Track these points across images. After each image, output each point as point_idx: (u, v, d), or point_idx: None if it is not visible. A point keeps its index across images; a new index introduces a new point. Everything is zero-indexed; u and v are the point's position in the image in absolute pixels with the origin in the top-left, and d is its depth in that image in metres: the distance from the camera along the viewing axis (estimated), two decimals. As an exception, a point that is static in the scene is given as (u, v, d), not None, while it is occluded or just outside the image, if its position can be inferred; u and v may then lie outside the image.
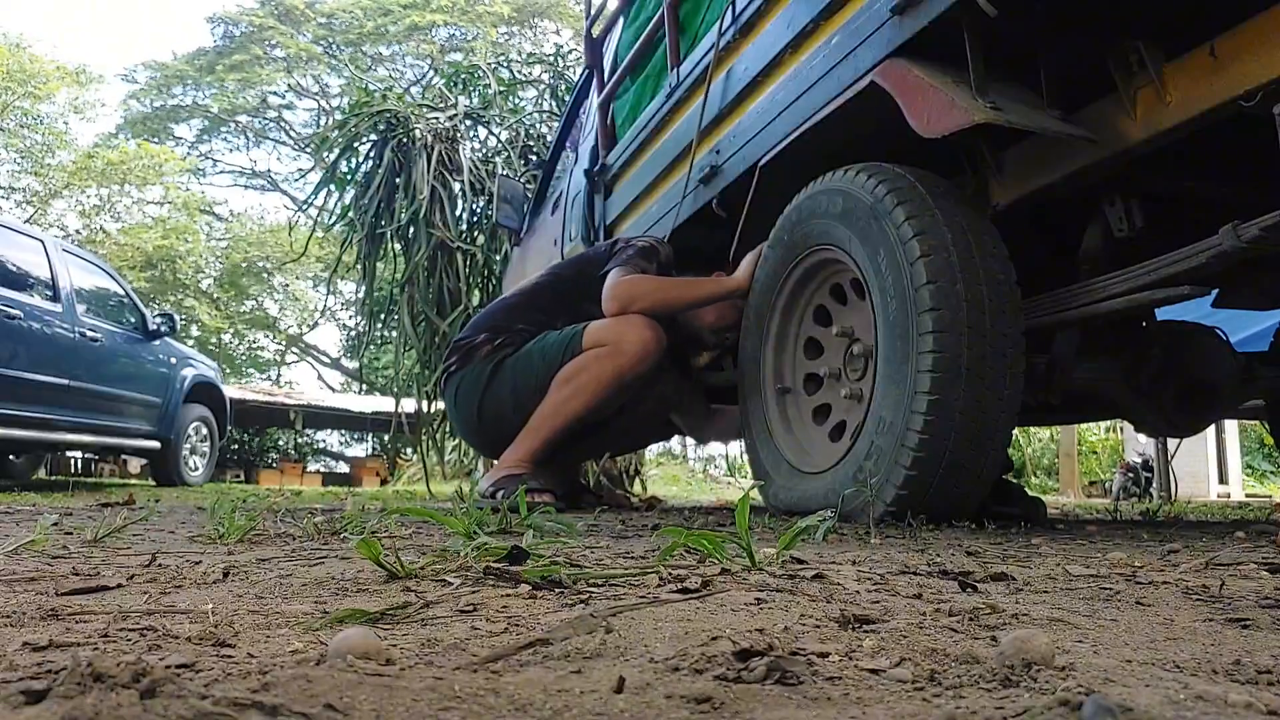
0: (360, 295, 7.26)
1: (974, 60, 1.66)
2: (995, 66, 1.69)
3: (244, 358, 24.13)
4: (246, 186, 25.19)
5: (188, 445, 7.49)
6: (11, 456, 7.46)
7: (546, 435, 2.51)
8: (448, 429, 6.55)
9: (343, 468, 18.62)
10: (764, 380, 2.33)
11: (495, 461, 2.72)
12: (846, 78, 1.96)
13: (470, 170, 6.60)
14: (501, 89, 7.42)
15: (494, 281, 6.33)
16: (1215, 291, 2.51)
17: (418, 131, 6.63)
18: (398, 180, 6.58)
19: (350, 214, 6.86)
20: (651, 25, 3.14)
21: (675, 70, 2.90)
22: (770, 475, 2.21)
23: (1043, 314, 1.88)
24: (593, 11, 3.94)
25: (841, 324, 2.15)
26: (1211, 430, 12.48)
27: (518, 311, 2.75)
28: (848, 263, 2.01)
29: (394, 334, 6.96)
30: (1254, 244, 1.49)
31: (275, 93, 22.24)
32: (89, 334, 6.11)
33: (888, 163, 1.96)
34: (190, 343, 18.26)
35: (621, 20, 3.64)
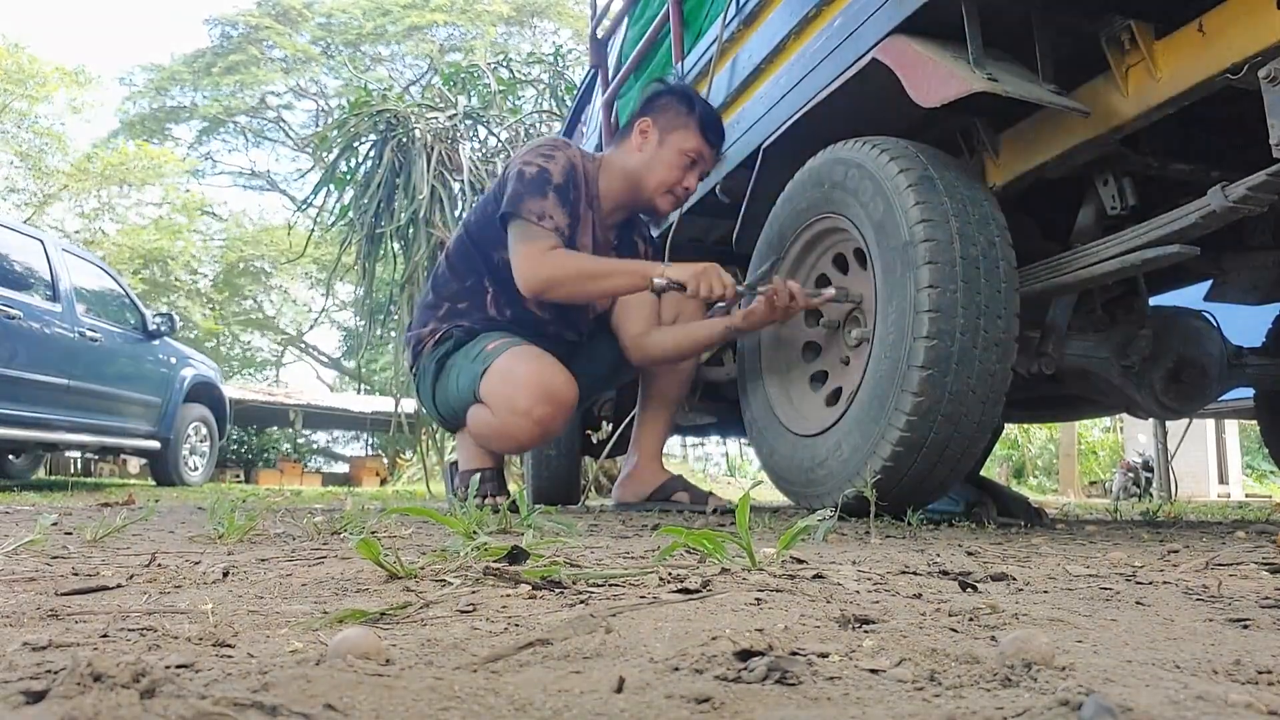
0: (359, 295, 7.26)
1: (972, 36, 1.71)
2: (992, 46, 1.74)
3: (239, 358, 24.14)
4: (246, 187, 25.20)
5: (187, 445, 7.49)
6: (11, 456, 7.46)
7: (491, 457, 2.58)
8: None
9: (342, 467, 18.63)
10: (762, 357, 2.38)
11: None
12: (848, 57, 2.00)
13: (470, 170, 6.61)
14: (501, 89, 7.41)
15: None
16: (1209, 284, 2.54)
17: (417, 131, 6.63)
18: (397, 180, 6.58)
19: (350, 214, 6.86)
20: (656, 22, 3.17)
21: (680, 64, 2.94)
22: (774, 448, 2.24)
23: (1038, 279, 1.91)
24: (597, 13, 3.96)
25: (844, 284, 2.19)
26: (1211, 430, 12.50)
27: (445, 294, 2.64)
28: (849, 229, 2.06)
29: (393, 334, 6.96)
30: (1241, 203, 1.53)
31: (274, 93, 22.25)
32: (89, 334, 6.11)
33: None
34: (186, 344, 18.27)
35: (626, 20, 3.66)
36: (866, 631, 0.63)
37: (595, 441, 3.87)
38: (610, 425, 3.78)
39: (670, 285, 2.31)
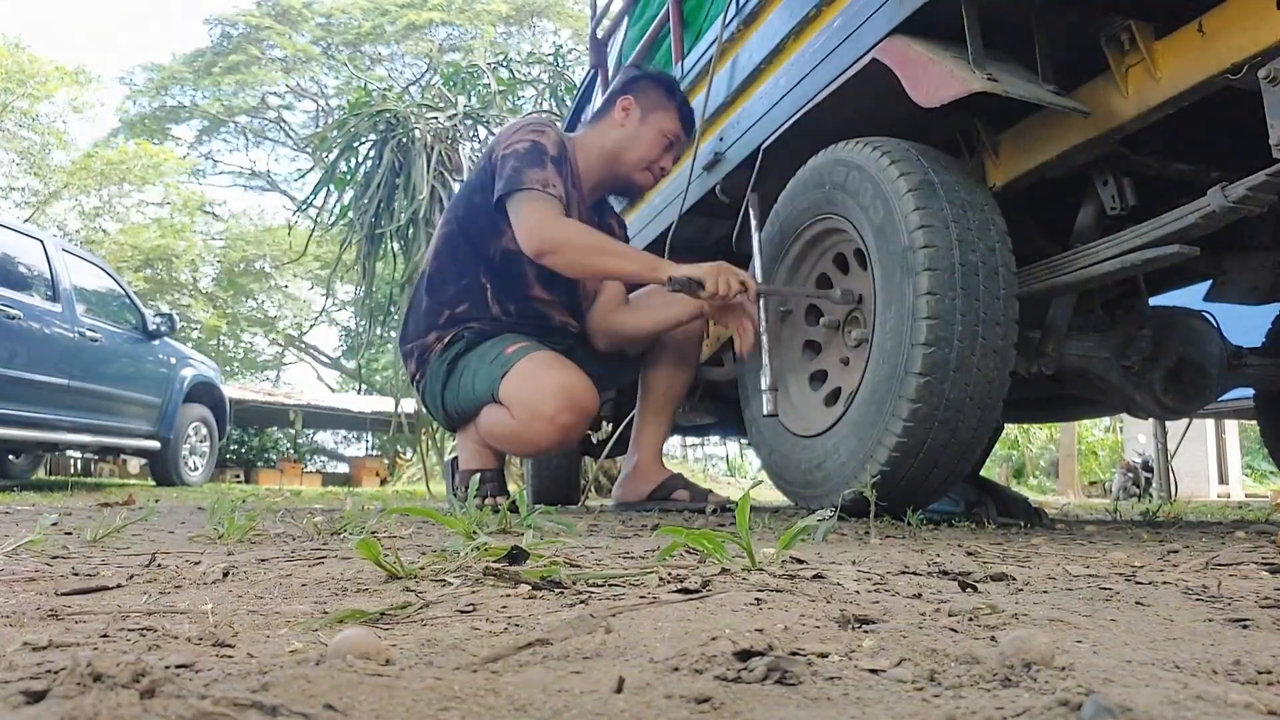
0: (360, 295, 7.26)
1: (971, 36, 1.71)
2: (992, 46, 1.74)
3: (240, 359, 24.15)
4: (246, 187, 25.20)
5: (187, 445, 7.49)
6: (11, 456, 7.46)
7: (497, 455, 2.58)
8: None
9: (342, 468, 18.63)
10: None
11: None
12: (848, 58, 2.00)
13: (470, 170, 6.61)
14: (501, 89, 7.41)
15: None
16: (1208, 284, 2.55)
17: (417, 132, 6.63)
18: (397, 180, 6.58)
19: (350, 214, 6.86)
20: (656, 22, 3.17)
21: (680, 64, 2.94)
22: (774, 447, 2.25)
23: (1038, 280, 1.92)
24: (597, 12, 3.96)
25: (844, 284, 2.19)
26: (1211, 430, 12.51)
27: (442, 299, 2.59)
28: (849, 230, 2.06)
29: (393, 334, 6.96)
30: (1241, 203, 1.54)
31: (274, 93, 22.26)
32: (89, 334, 6.10)
33: None
34: (188, 344, 18.28)
35: (626, 20, 3.66)
36: (866, 631, 0.63)
37: (595, 441, 3.87)
38: (610, 425, 3.78)
39: (687, 284, 2.23)
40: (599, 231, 2.45)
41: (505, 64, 8.19)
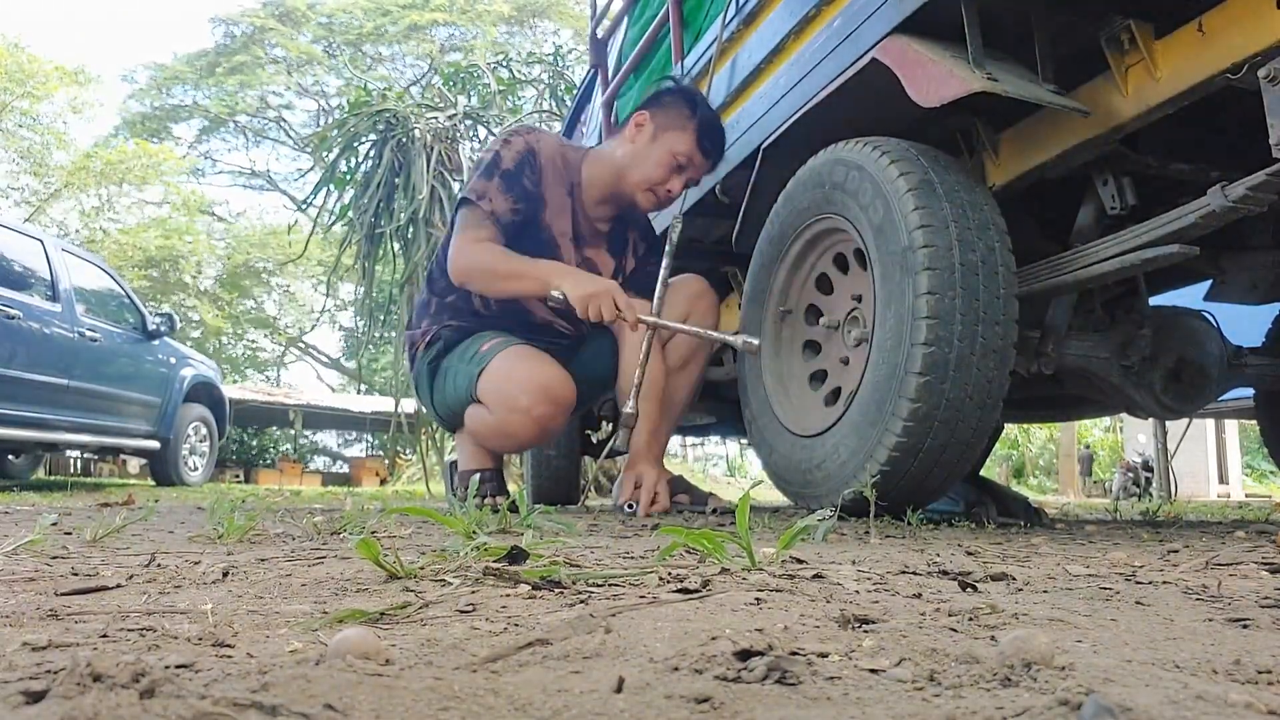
0: (360, 295, 7.27)
1: (971, 36, 1.71)
2: (992, 46, 1.74)
3: (243, 359, 24.17)
4: (246, 186, 25.24)
5: (187, 445, 7.49)
6: (10, 456, 7.46)
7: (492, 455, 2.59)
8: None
9: (342, 467, 18.65)
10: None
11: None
12: (848, 57, 2.01)
13: (470, 170, 6.61)
14: (501, 88, 7.42)
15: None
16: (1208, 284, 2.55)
17: (417, 131, 6.63)
18: (397, 180, 6.59)
19: (350, 214, 6.86)
20: (656, 22, 3.17)
21: (680, 64, 2.94)
22: (773, 447, 2.25)
23: (1038, 280, 1.92)
24: (597, 12, 3.96)
25: (843, 284, 2.20)
26: (1211, 430, 12.51)
27: (435, 290, 2.65)
28: (849, 230, 2.06)
29: (394, 334, 6.97)
30: (1241, 203, 1.54)
31: (275, 93, 22.27)
32: (88, 334, 6.10)
33: None
34: (189, 343, 18.27)
35: (626, 20, 3.66)
36: (866, 631, 0.63)
37: (595, 441, 3.87)
38: (610, 425, 3.78)
39: (562, 305, 2.30)
40: (504, 253, 2.40)
41: (505, 64, 8.19)
